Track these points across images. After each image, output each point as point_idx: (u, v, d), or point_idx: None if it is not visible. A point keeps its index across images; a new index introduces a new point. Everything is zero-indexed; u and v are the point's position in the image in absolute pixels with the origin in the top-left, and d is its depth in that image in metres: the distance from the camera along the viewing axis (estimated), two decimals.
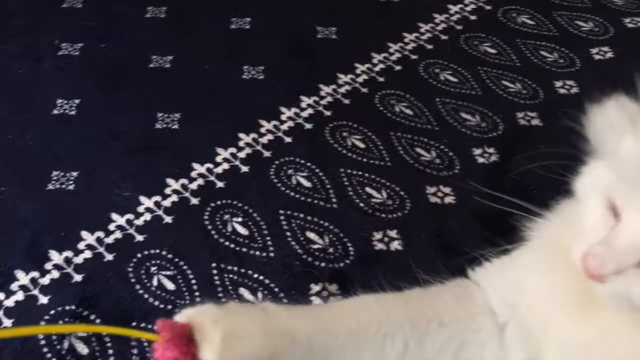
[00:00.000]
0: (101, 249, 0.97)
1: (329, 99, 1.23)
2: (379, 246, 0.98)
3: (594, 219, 0.49)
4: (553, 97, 1.23)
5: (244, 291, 0.92)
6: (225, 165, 1.10)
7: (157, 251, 0.96)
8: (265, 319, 0.54)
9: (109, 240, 0.98)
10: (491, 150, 1.13)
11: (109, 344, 0.86)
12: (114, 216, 1.01)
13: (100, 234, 0.99)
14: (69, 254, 0.96)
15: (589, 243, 0.48)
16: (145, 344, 0.85)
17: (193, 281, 0.93)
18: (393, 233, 0.99)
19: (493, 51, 1.34)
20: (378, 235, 0.99)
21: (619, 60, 1.30)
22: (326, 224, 1.01)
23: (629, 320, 0.49)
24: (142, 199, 1.04)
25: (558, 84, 1.26)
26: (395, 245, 0.98)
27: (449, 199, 1.05)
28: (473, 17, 1.43)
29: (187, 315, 0.53)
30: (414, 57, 1.33)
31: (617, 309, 0.47)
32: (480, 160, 1.12)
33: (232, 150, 1.12)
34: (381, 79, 1.28)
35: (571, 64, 1.30)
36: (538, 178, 1.01)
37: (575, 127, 0.54)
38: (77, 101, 1.21)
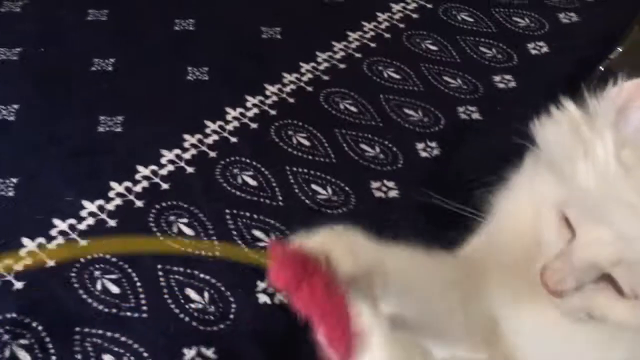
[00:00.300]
0: (42, 255, 0.95)
1: (274, 98, 1.24)
2: None
3: (550, 231, 0.48)
4: (492, 91, 1.27)
5: (190, 291, 0.92)
6: (170, 167, 1.09)
7: (101, 255, 0.95)
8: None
9: (51, 246, 0.96)
10: (433, 144, 1.16)
11: (52, 351, 0.84)
12: (56, 221, 1.00)
13: (42, 240, 0.97)
14: (9, 261, 0.94)
15: (548, 256, 0.47)
16: (90, 349, 0.85)
17: (138, 284, 0.92)
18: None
19: (434, 48, 1.37)
20: None
21: (555, 55, 1.35)
22: (272, 221, 1.02)
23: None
24: (85, 203, 1.02)
25: (497, 78, 1.30)
26: None
27: (392, 193, 1.07)
28: (415, 16, 1.46)
29: (304, 239, 0.48)
30: (358, 55, 1.35)
31: (576, 321, 0.47)
32: (423, 154, 1.14)
33: (177, 151, 1.12)
34: (326, 78, 1.29)
35: (509, 59, 1.34)
36: (479, 170, 1.04)
37: (520, 127, 0.54)
38: (15, 106, 1.18)
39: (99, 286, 0.92)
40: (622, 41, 1.23)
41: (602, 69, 1.17)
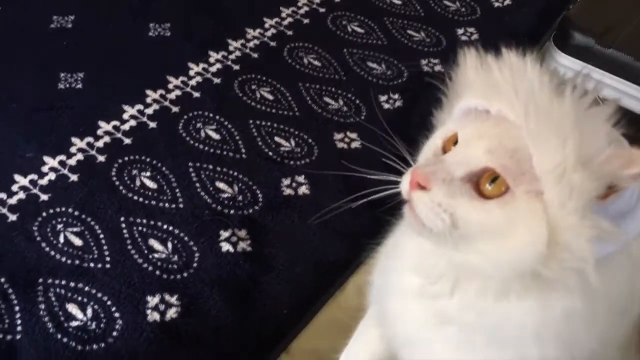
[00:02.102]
0: (4, 211, 0.95)
1: (238, 53, 1.23)
2: (288, 191, 1.00)
3: (426, 152, 0.52)
4: (455, 44, 1.28)
5: (153, 242, 0.92)
6: (133, 122, 1.09)
7: (63, 209, 0.95)
8: None
9: (12, 201, 0.96)
10: (396, 96, 1.16)
11: (15, 302, 0.85)
12: (17, 177, 0.99)
13: (3, 195, 0.96)
14: None
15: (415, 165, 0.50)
16: (54, 298, 0.85)
17: (101, 235, 0.93)
18: (301, 178, 1.02)
19: (398, 2, 1.37)
20: (286, 182, 1.01)
21: (516, 6, 1.36)
22: (235, 173, 1.02)
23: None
24: (46, 159, 1.02)
25: (460, 31, 1.30)
26: (303, 189, 1.00)
27: (355, 144, 1.08)
28: None
29: None
30: (322, 10, 1.34)
31: (418, 229, 0.48)
32: (386, 106, 1.15)
33: (139, 107, 1.11)
34: (290, 33, 1.28)
35: (472, 12, 1.35)
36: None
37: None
38: None
39: (61, 239, 0.92)
40: None
41: (563, 19, 1.18)
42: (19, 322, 0.83)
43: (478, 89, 0.48)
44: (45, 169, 1.01)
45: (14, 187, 0.98)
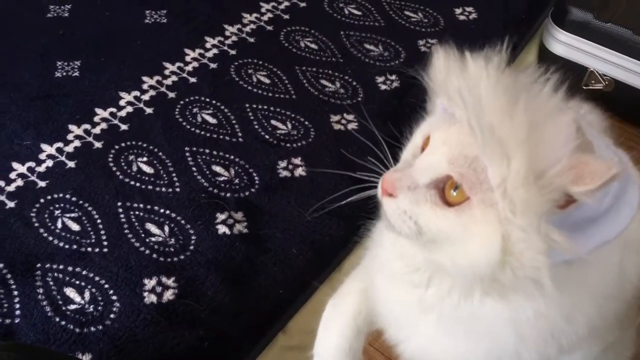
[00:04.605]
0: (2, 197, 0.95)
1: (234, 38, 1.23)
2: (284, 173, 1.00)
3: (405, 155, 0.52)
4: (453, 23, 1.26)
5: (150, 226, 0.93)
6: (129, 109, 1.09)
7: (61, 195, 0.96)
8: None
9: (10, 188, 0.97)
10: (393, 77, 1.16)
11: (13, 286, 0.85)
12: (15, 165, 1.00)
13: (1, 183, 0.97)
14: None
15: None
16: (52, 283, 0.86)
17: (98, 220, 0.93)
18: (297, 160, 1.01)
19: None
20: (283, 164, 1.01)
21: None
22: (232, 157, 1.02)
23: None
24: (44, 146, 1.02)
25: (458, 10, 1.29)
26: (300, 171, 1.00)
27: (352, 126, 1.07)
28: None
29: None
30: None
31: (392, 230, 0.49)
32: (383, 87, 1.14)
33: (136, 93, 1.11)
34: (286, 17, 1.28)
35: None
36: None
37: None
38: None
39: (59, 224, 0.92)
40: None
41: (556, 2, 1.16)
42: (17, 306, 0.83)
43: (445, 91, 0.48)
44: (42, 156, 1.01)
45: (12, 175, 0.98)
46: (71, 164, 1.00)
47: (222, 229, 0.92)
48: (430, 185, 0.46)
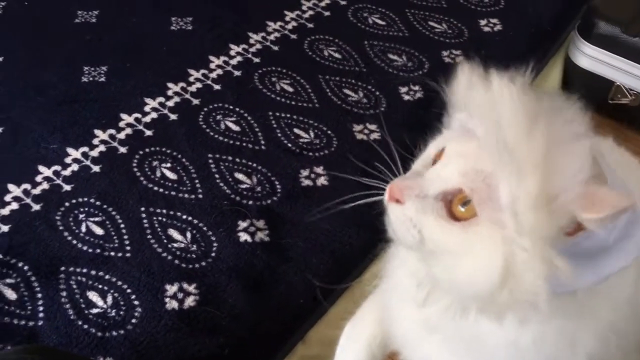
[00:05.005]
0: (28, 200, 0.97)
1: (258, 46, 1.24)
2: (306, 182, 1.00)
3: (416, 165, 0.52)
4: (477, 35, 1.26)
5: (172, 232, 0.93)
6: (154, 114, 1.10)
7: (85, 199, 0.97)
8: None
9: (36, 191, 0.98)
10: (416, 88, 1.15)
11: (37, 289, 0.86)
12: (41, 168, 1.01)
13: (27, 185, 0.99)
14: None
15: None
16: (75, 286, 0.87)
17: (122, 225, 0.94)
18: (319, 169, 1.02)
19: None
20: (305, 172, 1.01)
21: None
22: (254, 164, 1.03)
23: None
24: (70, 150, 1.04)
25: (482, 22, 1.29)
26: (322, 180, 1.00)
27: (374, 136, 1.07)
28: None
29: None
30: (343, 2, 1.34)
31: (394, 238, 0.49)
32: (406, 97, 1.14)
33: (161, 99, 1.13)
34: (310, 25, 1.28)
35: (495, 3, 1.33)
36: None
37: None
38: (0, 59, 1.19)
39: (83, 228, 0.93)
40: None
41: (587, 9, 1.15)
42: (41, 308, 0.84)
43: (466, 106, 0.48)
44: (68, 160, 1.02)
45: (38, 178, 1.00)
46: (96, 169, 1.01)
47: (244, 237, 0.92)
48: (439, 197, 0.46)
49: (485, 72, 0.48)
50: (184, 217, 0.95)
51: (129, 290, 0.86)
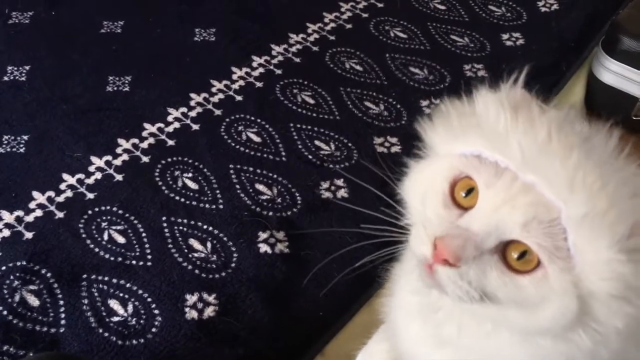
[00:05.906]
0: (52, 207, 0.98)
1: (280, 58, 1.24)
2: (326, 194, 1.00)
3: (437, 206, 0.46)
4: (499, 49, 1.26)
5: (193, 241, 0.94)
6: (176, 124, 1.11)
7: (108, 207, 0.98)
8: None
9: (60, 199, 0.99)
10: (437, 101, 1.15)
11: (60, 296, 0.87)
12: (65, 176, 1.02)
13: (51, 193, 1.00)
14: (19, 213, 0.97)
15: (436, 229, 0.44)
16: (97, 294, 0.87)
17: (143, 234, 0.95)
18: (340, 182, 1.02)
19: (442, 7, 1.36)
20: (325, 185, 1.01)
21: (564, 11, 1.33)
22: (275, 176, 1.03)
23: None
24: (93, 158, 1.05)
25: (505, 36, 1.28)
26: (342, 193, 1.00)
27: (395, 149, 1.07)
28: None
29: None
30: (365, 15, 1.34)
31: (453, 299, 0.44)
32: (427, 111, 1.14)
33: (183, 109, 1.14)
34: (332, 38, 1.29)
35: (518, 17, 1.33)
36: None
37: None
38: (27, 67, 1.21)
39: (105, 236, 0.94)
40: None
41: (611, 24, 1.15)
42: (62, 315, 0.85)
43: (495, 141, 0.43)
44: (92, 168, 1.04)
45: (62, 186, 1.01)
46: (119, 177, 1.02)
47: (264, 248, 0.93)
48: (494, 249, 0.43)
49: (514, 102, 0.45)
50: (205, 227, 0.96)
51: (149, 299, 0.87)
